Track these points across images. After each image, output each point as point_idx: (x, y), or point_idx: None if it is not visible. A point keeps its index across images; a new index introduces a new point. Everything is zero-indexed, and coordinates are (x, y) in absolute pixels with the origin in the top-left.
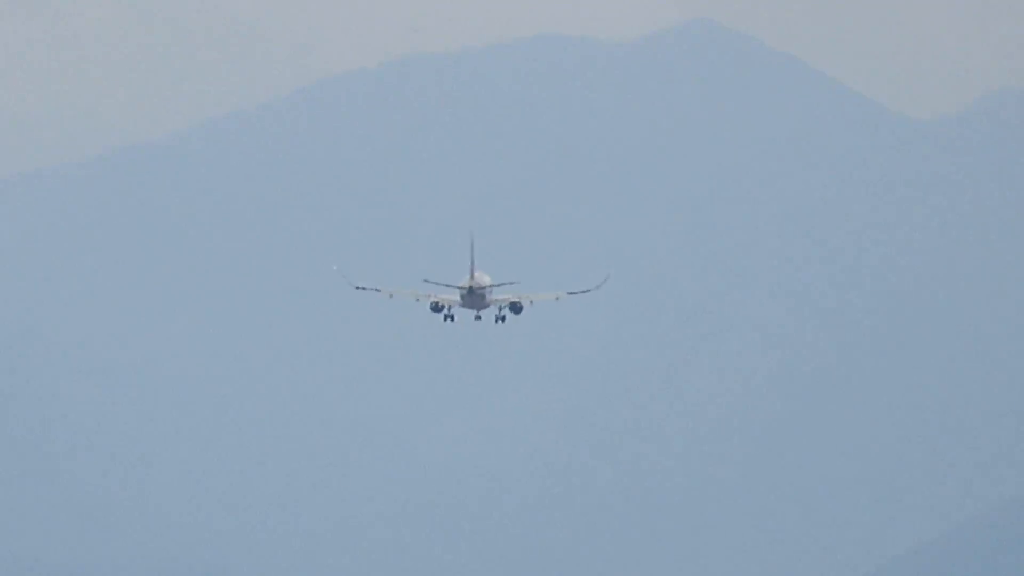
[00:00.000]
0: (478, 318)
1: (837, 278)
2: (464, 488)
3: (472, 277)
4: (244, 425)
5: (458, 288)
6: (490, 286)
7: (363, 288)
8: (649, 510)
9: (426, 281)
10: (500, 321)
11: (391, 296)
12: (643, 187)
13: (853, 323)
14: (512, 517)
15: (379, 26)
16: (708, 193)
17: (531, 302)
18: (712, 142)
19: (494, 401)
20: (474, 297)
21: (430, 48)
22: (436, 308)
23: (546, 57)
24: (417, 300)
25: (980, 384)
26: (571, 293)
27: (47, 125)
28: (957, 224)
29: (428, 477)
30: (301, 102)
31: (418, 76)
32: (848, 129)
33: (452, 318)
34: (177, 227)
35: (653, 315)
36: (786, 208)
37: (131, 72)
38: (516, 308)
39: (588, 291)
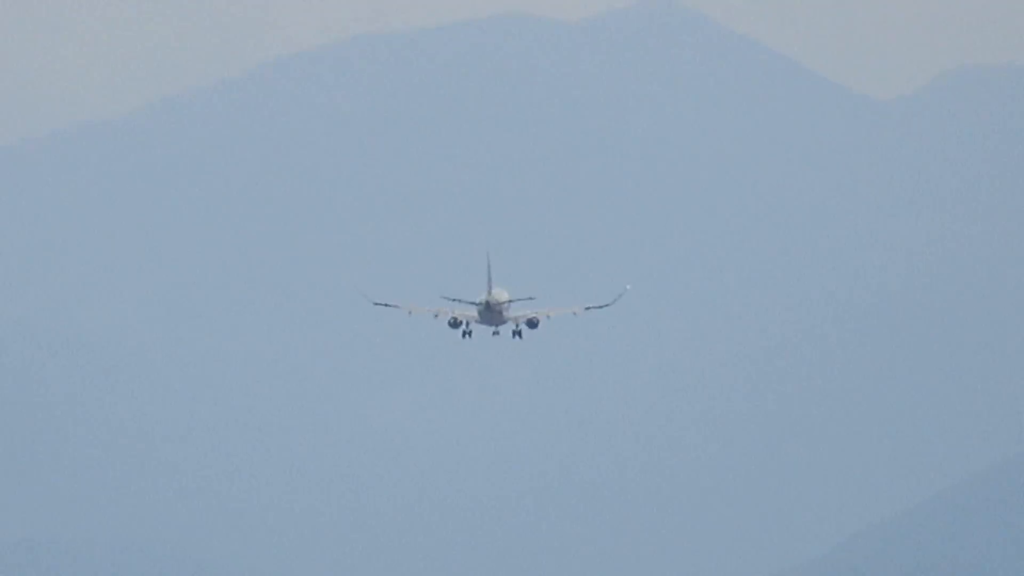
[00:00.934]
0: (496, 333)
1: (799, 256)
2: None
3: (490, 293)
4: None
5: (475, 304)
6: (508, 302)
7: (382, 304)
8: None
9: (444, 298)
10: (517, 336)
11: (410, 313)
12: (602, 169)
13: (814, 299)
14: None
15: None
16: (667, 172)
17: (548, 317)
18: (668, 124)
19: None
20: (492, 313)
21: (390, 28)
22: (454, 324)
23: (509, 38)
24: (436, 316)
25: (945, 355)
26: (588, 308)
27: (1, 103)
28: (917, 201)
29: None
30: (260, 80)
31: (377, 55)
32: (807, 109)
33: (470, 334)
34: (137, 204)
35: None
36: (745, 188)
37: (89, 49)
38: (533, 323)
39: (606, 306)
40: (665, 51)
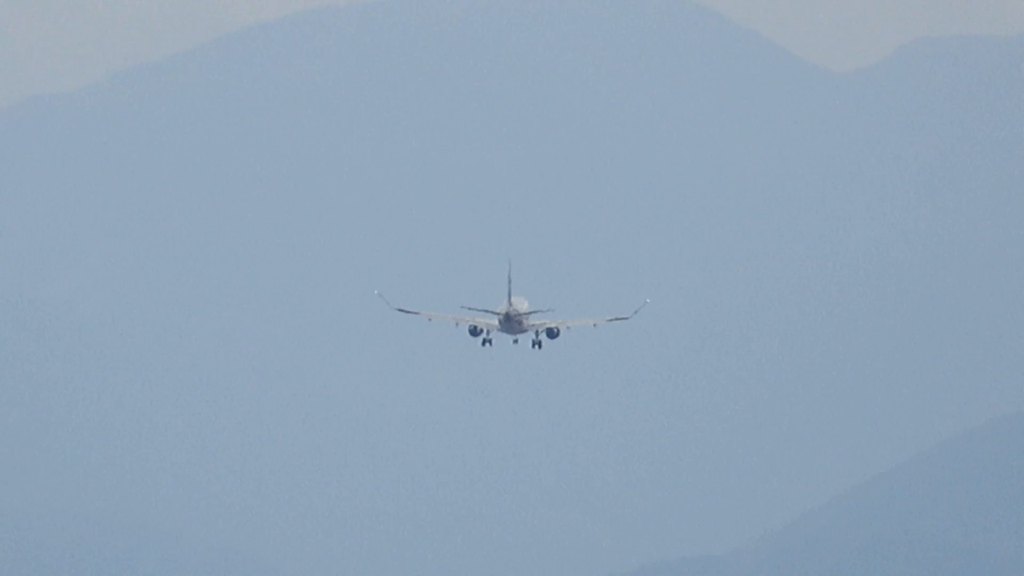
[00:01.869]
0: (515, 342)
1: (760, 229)
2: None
3: (509, 303)
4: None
5: (496, 313)
6: (527, 312)
7: (405, 311)
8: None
9: (465, 307)
10: (536, 346)
11: (430, 319)
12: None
13: (772, 268)
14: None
15: None
16: (632, 141)
17: (568, 327)
18: (628, 91)
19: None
20: (511, 323)
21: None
22: (474, 332)
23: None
24: (456, 325)
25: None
26: (609, 320)
27: None
28: (876, 173)
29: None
30: (216, 52)
31: (325, 28)
32: (766, 82)
33: (490, 342)
34: (92, 178)
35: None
36: (706, 160)
37: (47, 22)
38: (552, 333)
39: (625, 318)
40: (628, 25)
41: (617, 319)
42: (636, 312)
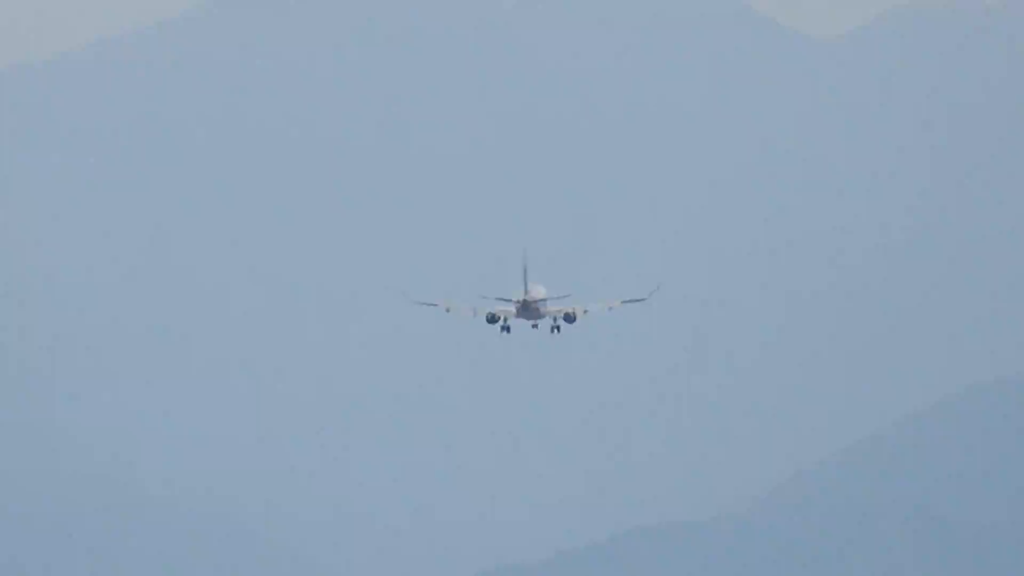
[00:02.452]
0: (535, 327)
1: (739, 197)
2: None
3: (526, 291)
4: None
5: (513, 301)
6: (544, 299)
7: (422, 303)
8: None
9: (483, 296)
10: (555, 331)
11: (448, 310)
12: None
13: (753, 239)
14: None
15: None
16: (624, 120)
17: (585, 312)
18: (603, 60)
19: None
20: (529, 310)
21: None
22: (492, 319)
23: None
24: (474, 314)
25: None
26: (624, 302)
27: None
28: (858, 140)
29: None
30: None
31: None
32: (747, 49)
33: (508, 329)
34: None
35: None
36: (686, 131)
37: None
38: (569, 318)
39: (641, 300)
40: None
41: (632, 301)
42: (652, 294)
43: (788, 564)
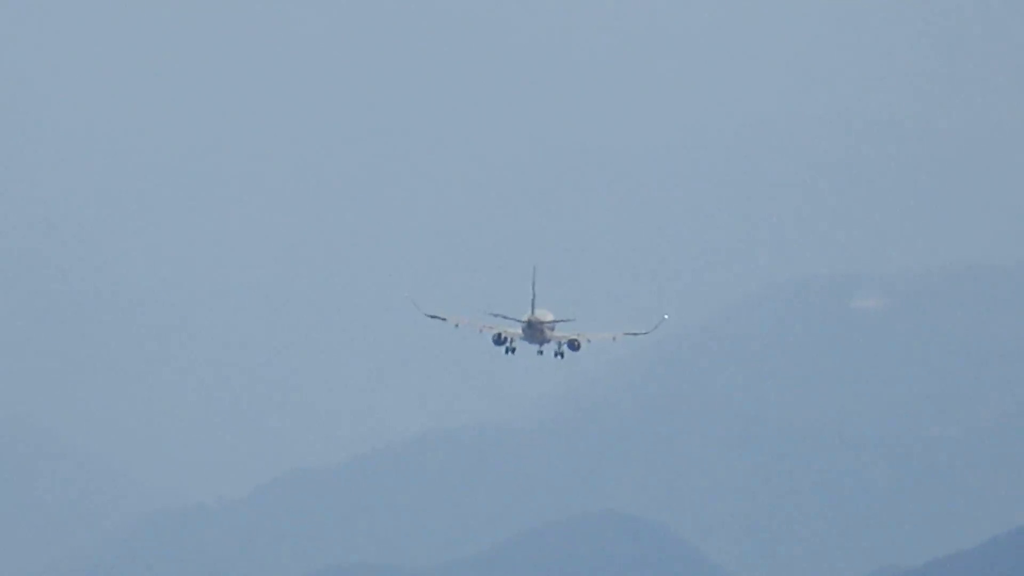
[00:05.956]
0: (540, 352)
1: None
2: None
3: (533, 312)
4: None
5: (520, 321)
6: (551, 321)
7: (433, 316)
8: None
9: (490, 313)
10: (559, 356)
11: (456, 326)
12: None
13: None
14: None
15: None
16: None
17: (588, 340)
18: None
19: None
20: (534, 330)
21: None
22: (498, 341)
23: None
24: (480, 331)
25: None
26: (627, 334)
27: None
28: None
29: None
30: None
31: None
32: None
33: (513, 351)
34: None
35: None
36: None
37: None
38: (573, 346)
39: (645, 333)
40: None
41: (634, 334)
42: (656, 327)
43: None
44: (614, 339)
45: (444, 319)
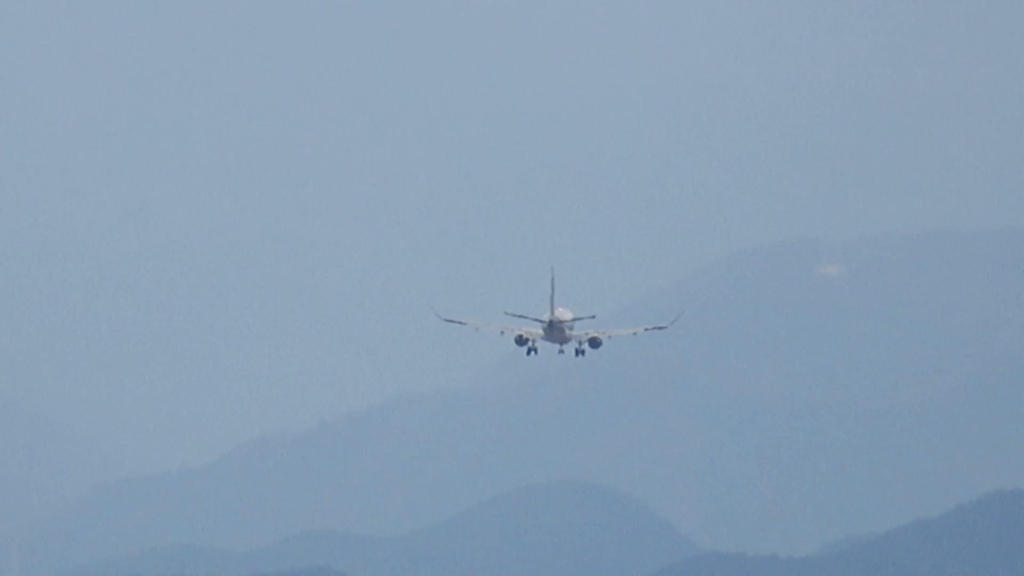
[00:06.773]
0: (561, 352)
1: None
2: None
3: (552, 312)
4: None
5: (539, 321)
6: (571, 320)
7: (451, 321)
8: None
9: (508, 314)
10: (580, 355)
11: (476, 329)
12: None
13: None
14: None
15: None
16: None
17: (609, 337)
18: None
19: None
20: (554, 330)
21: None
22: (520, 341)
23: None
24: (502, 333)
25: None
26: (648, 329)
27: None
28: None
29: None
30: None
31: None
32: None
33: (535, 351)
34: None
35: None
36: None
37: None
38: (595, 343)
39: (664, 327)
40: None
41: (655, 328)
42: (674, 322)
43: None
44: (635, 334)
45: (463, 323)
